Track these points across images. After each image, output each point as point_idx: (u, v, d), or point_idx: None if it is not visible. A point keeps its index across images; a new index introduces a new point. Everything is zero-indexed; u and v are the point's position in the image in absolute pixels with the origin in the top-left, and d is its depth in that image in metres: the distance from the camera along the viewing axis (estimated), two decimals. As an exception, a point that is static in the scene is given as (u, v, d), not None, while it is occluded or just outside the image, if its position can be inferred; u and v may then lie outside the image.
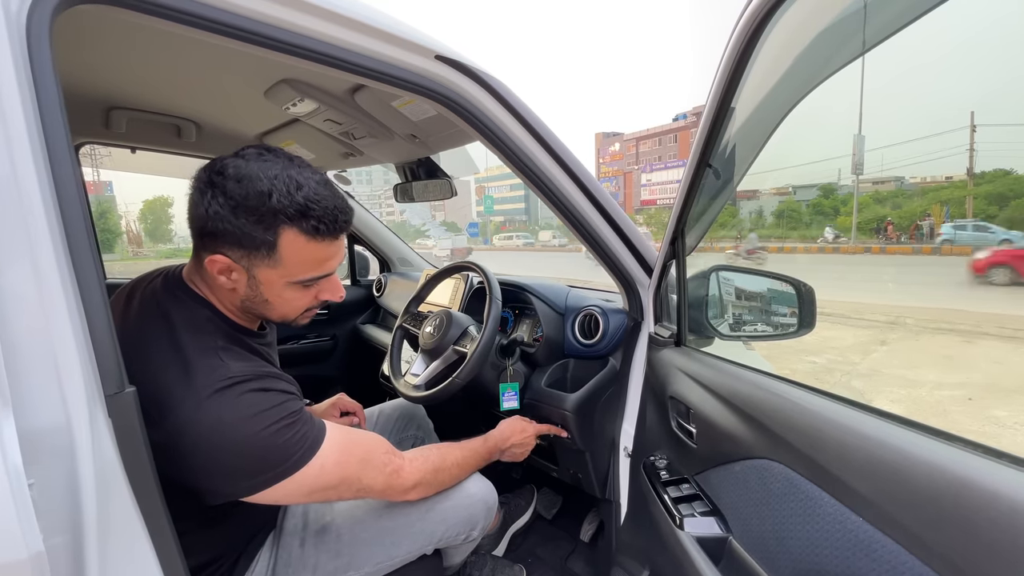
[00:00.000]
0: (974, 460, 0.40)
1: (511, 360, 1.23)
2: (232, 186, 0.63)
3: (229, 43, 0.63)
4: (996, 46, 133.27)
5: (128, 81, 1.10)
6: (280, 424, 0.65)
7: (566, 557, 1.42)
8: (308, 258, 0.68)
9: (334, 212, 0.67)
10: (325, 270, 0.72)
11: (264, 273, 0.68)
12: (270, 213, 0.63)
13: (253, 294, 0.70)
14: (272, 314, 0.74)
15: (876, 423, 0.49)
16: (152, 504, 0.51)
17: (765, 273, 0.94)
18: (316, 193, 0.66)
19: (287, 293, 0.71)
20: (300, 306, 0.75)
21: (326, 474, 0.69)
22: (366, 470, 0.75)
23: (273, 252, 0.65)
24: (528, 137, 0.92)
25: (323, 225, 0.66)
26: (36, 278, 0.44)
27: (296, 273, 0.69)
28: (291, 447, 0.65)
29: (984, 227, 14.20)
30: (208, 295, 0.72)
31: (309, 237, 0.66)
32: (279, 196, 0.63)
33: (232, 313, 0.74)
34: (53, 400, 0.44)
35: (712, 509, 0.74)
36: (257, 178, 0.63)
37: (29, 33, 0.46)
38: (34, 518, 0.41)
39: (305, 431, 0.68)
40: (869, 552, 0.46)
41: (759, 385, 0.68)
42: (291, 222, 0.64)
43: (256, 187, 0.62)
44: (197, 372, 0.63)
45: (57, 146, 0.46)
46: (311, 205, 0.65)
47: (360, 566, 0.83)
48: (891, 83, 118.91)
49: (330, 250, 0.70)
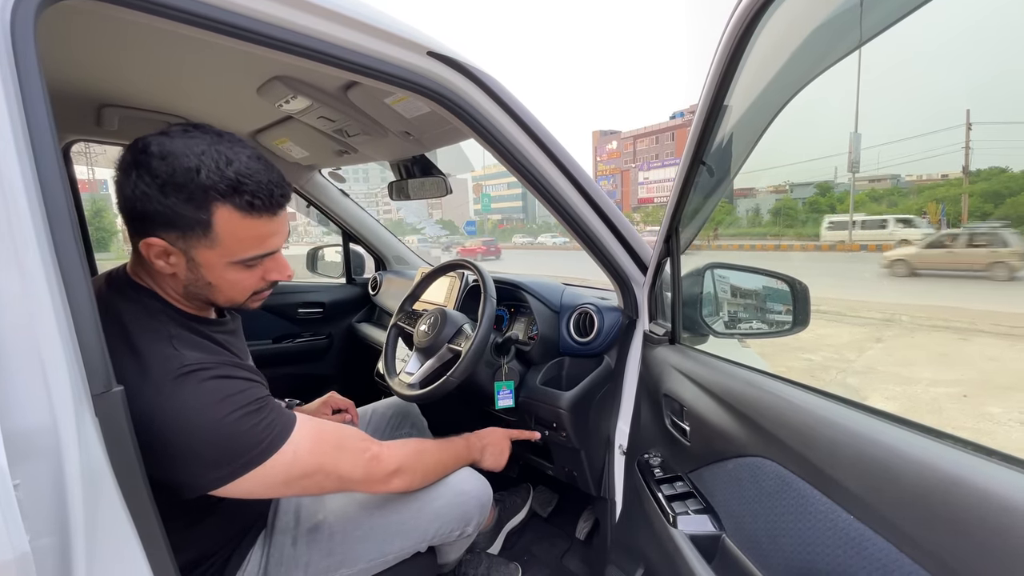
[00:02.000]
0: (965, 458, 0.40)
1: (506, 358, 1.23)
2: (157, 164, 0.60)
3: (221, 40, 0.63)
4: (993, 41, 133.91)
5: (120, 78, 1.09)
6: (246, 410, 0.63)
7: (561, 555, 1.42)
8: (246, 236, 0.65)
9: (269, 186, 0.65)
10: (267, 248, 0.69)
11: (203, 255, 0.65)
12: (200, 190, 0.60)
13: (194, 277, 0.67)
14: (218, 298, 0.71)
15: (867, 421, 0.49)
16: (141, 504, 0.50)
17: (759, 271, 0.94)
18: (248, 168, 0.63)
19: (230, 274, 0.68)
20: (246, 288, 0.72)
21: (300, 462, 0.67)
22: (342, 456, 0.73)
23: (208, 231, 0.63)
24: (522, 134, 0.92)
25: (258, 200, 0.64)
26: (21, 277, 0.43)
27: (236, 252, 0.66)
28: (259, 433, 0.64)
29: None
30: (152, 286, 0.69)
31: (244, 213, 0.63)
32: (208, 172, 0.60)
33: (179, 302, 0.71)
34: (39, 400, 0.43)
35: (705, 507, 0.74)
36: (183, 154, 0.60)
37: (13, 29, 0.45)
38: (20, 519, 0.40)
39: (273, 418, 0.66)
40: (860, 550, 0.46)
41: (752, 383, 0.68)
42: (224, 199, 0.62)
43: (183, 163, 0.60)
44: (151, 363, 0.61)
45: (43, 144, 0.46)
46: (243, 180, 0.62)
47: (353, 564, 0.83)
48: (887, 80, 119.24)
49: (270, 227, 0.67)
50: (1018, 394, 3.77)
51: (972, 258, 8.68)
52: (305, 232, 33.77)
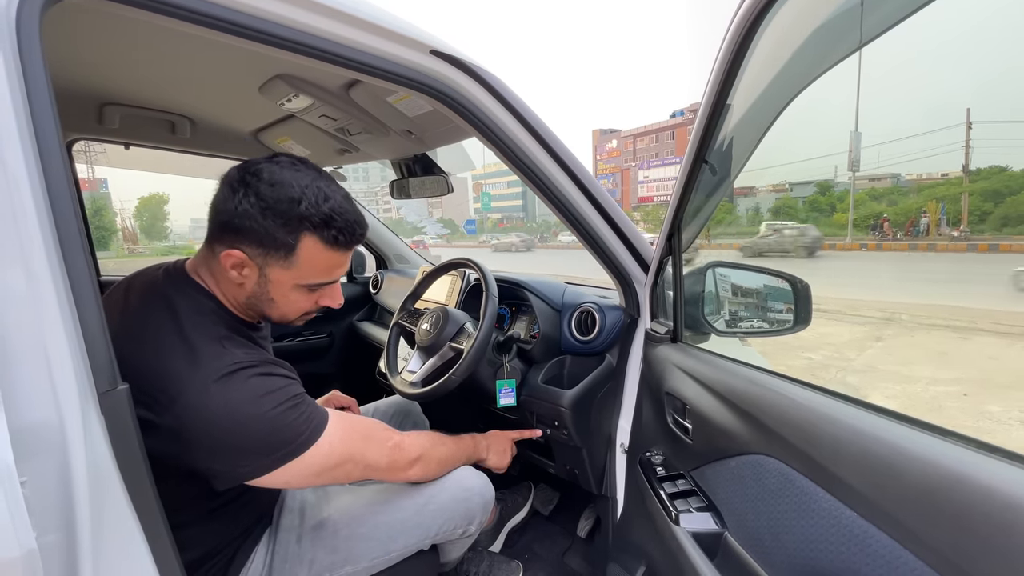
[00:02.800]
0: (968, 455, 0.40)
1: (508, 357, 1.23)
2: (265, 188, 0.67)
3: (223, 38, 0.63)
4: (995, 40, 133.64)
5: (121, 77, 1.09)
6: (287, 405, 0.68)
7: (563, 553, 1.43)
8: (321, 265, 0.73)
9: (354, 225, 0.73)
10: (332, 277, 0.77)
11: (276, 273, 0.72)
12: (296, 219, 0.68)
13: (260, 291, 0.74)
14: (273, 313, 0.77)
15: (871, 418, 0.49)
16: (146, 501, 0.51)
17: (761, 269, 0.94)
18: (341, 206, 0.72)
19: (292, 295, 0.75)
20: (301, 308, 0.79)
21: (334, 453, 0.72)
22: (370, 445, 0.79)
23: (291, 255, 0.70)
24: (524, 133, 0.92)
25: (343, 236, 0.72)
26: (27, 275, 0.43)
27: (307, 277, 0.73)
28: (299, 426, 0.69)
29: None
30: (213, 288, 0.75)
31: (327, 245, 0.71)
32: (308, 204, 0.68)
33: (234, 307, 0.77)
34: (45, 397, 0.44)
35: (708, 505, 0.74)
36: (290, 185, 0.68)
37: (18, 28, 0.45)
38: (26, 516, 0.40)
39: (311, 412, 0.71)
40: (864, 547, 0.46)
41: (754, 381, 0.68)
42: (314, 229, 0.70)
43: (288, 193, 0.68)
44: (204, 357, 0.66)
45: (48, 142, 0.46)
46: (335, 216, 0.70)
47: (356, 561, 0.83)
48: (888, 79, 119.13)
49: (342, 259, 0.76)
50: (1018, 393, 3.78)
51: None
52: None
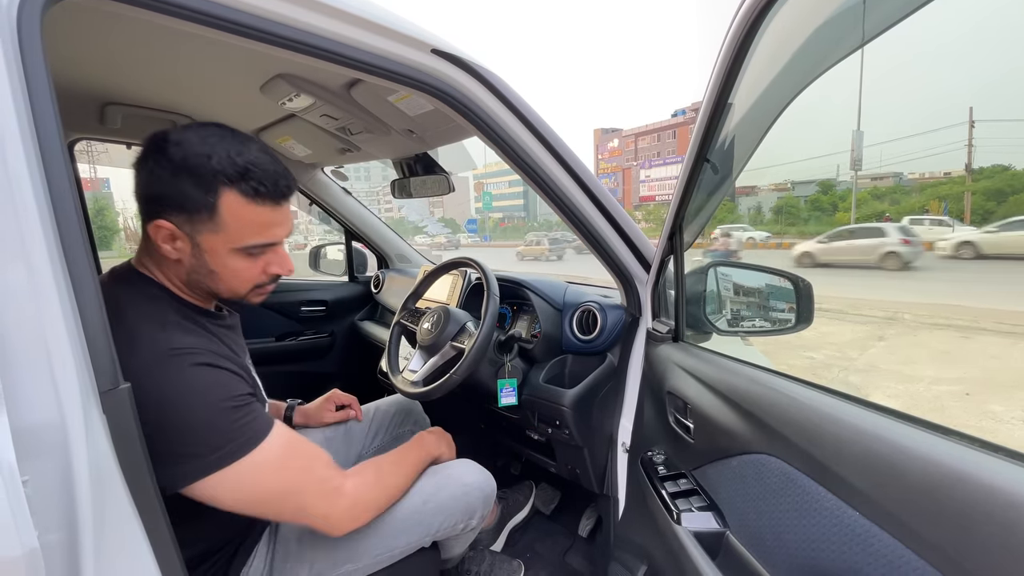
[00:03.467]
0: (970, 454, 0.40)
1: (509, 356, 1.24)
2: (173, 150, 0.64)
3: (224, 38, 0.63)
4: (996, 40, 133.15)
5: (123, 76, 1.09)
6: (225, 404, 0.64)
7: (564, 552, 1.43)
8: (250, 222, 0.68)
9: (274, 176, 0.68)
10: (269, 237, 0.71)
11: (207, 239, 0.68)
12: (210, 174, 0.64)
13: (198, 264, 0.69)
14: (220, 287, 0.73)
15: (873, 418, 0.49)
16: (147, 500, 0.51)
17: (763, 268, 0.94)
18: (257, 158, 0.67)
19: (232, 262, 0.70)
20: (248, 279, 0.73)
21: (266, 472, 0.66)
22: (307, 480, 0.71)
23: (214, 214, 0.66)
24: (525, 132, 0.92)
25: (263, 187, 0.67)
26: (29, 275, 0.43)
27: (239, 238, 0.69)
28: (234, 431, 0.63)
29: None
30: (157, 274, 0.72)
31: (249, 199, 0.67)
32: (219, 158, 0.64)
33: (182, 291, 0.73)
34: (47, 397, 0.44)
35: (709, 504, 0.74)
36: (198, 142, 0.65)
37: (20, 28, 0.45)
38: (28, 515, 0.40)
39: (250, 419, 0.66)
40: (866, 546, 0.46)
41: (756, 380, 0.68)
42: (231, 184, 0.65)
43: (196, 149, 0.64)
44: (141, 344, 0.62)
45: (49, 142, 0.46)
46: (251, 168, 0.66)
47: (358, 559, 0.83)
48: (890, 77, 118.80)
49: (274, 216, 0.70)
50: (1020, 393, 3.77)
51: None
52: (307, 231, 33.83)
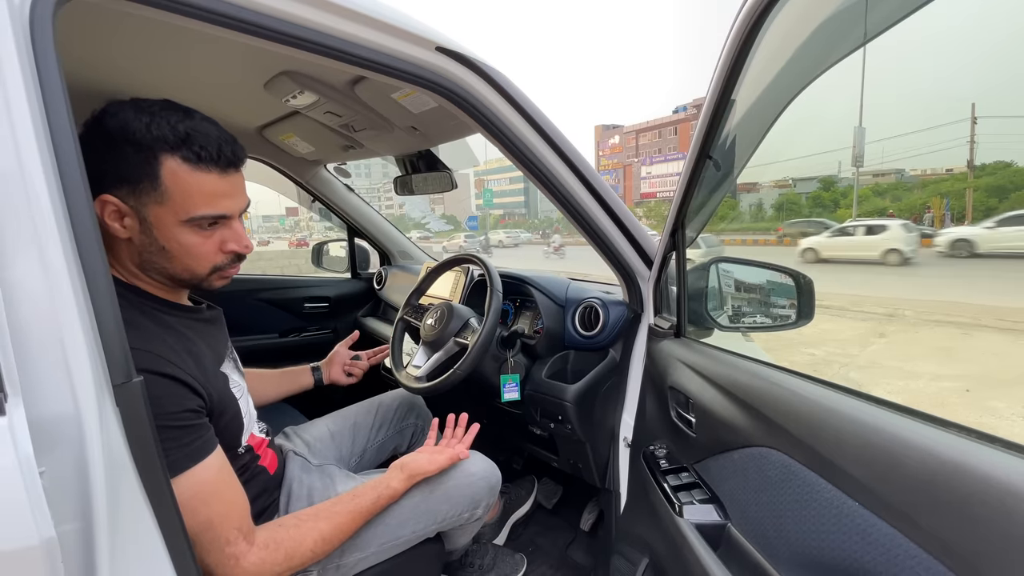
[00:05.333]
0: (967, 445, 0.41)
1: (512, 352, 1.24)
2: (110, 122, 0.62)
3: (229, 35, 0.63)
4: (997, 38, 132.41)
5: (127, 73, 1.09)
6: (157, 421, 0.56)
7: (566, 546, 1.44)
8: (195, 190, 0.65)
9: (217, 141, 0.66)
10: (218, 208, 0.68)
11: (154, 212, 0.65)
12: (149, 141, 0.62)
13: (148, 241, 0.66)
14: (176, 267, 0.69)
15: (872, 410, 0.50)
16: (160, 491, 0.52)
17: (765, 265, 0.94)
18: (199, 125, 0.65)
19: (183, 237, 0.67)
20: (202, 256, 0.69)
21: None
22: (207, 535, 0.64)
23: (157, 184, 0.63)
24: (529, 129, 0.92)
25: (204, 151, 0.65)
26: (44, 270, 0.44)
27: (184, 209, 0.65)
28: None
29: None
30: (114, 265, 0.68)
31: (192, 166, 0.64)
32: (158, 126, 0.63)
33: (139, 279, 0.70)
34: (62, 390, 0.44)
35: (711, 497, 0.75)
36: (136, 113, 0.63)
37: (32, 27, 0.46)
38: (45, 505, 0.41)
39: (179, 444, 0.61)
40: (865, 536, 0.47)
41: (758, 374, 0.69)
42: (172, 150, 0.63)
43: (134, 119, 0.62)
44: None
45: (63, 140, 0.47)
46: (192, 134, 0.64)
47: (365, 547, 0.85)
48: (894, 74, 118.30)
49: (219, 185, 0.67)
50: (1021, 389, 3.77)
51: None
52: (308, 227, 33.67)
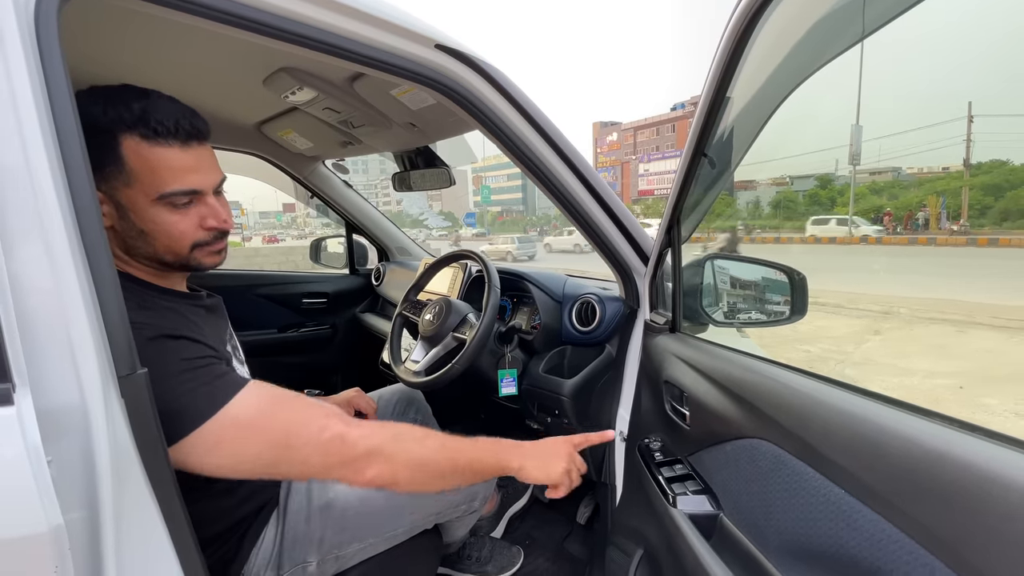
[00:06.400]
0: (949, 434, 0.42)
1: (509, 347, 1.26)
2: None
3: (228, 31, 0.64)
4: (996, 36, 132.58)
5: (126, 69, 1.10)
6: (182, 367, 0.60)
7: (563, 539, 1.46)
8: (158, 166, 0.65)
9: (175, 114, 0.66)
10: (187, 184, 0.67)
11: (125, 195, 0.65)
12: (106, 124, 0.63)
13: (128, 227, 0.67)
14: (158, 249, 0.69)
15: (859, 401, 0.51)
16: (163, 481, 0.53)
17: (759, 261, 0.96)
18: (155, 102, 0.65)
19: (158, 217, 0.67)
20: (181, 234, 0.69)
21: (243, 429, 0.61)
22: (297, 432, 0.64)
23: (121, 165, 0.64)
24: (526, 126, 0.93)
25: (161, 126, 0.64)
26: (50, 264, 0.45)
27: (152, 187, 0.65)
28: (196, 391, 0.60)
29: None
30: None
31: (151, 142, 0.64)
32: (114, 108, 0.63)
33: (131, 265, 0.71)
34: (69, 381, 0.45)
35: (704, 488, 0.76)
36: (93, 99, 0.63)
37: (38, 24, 0.46)
38: (53, 493, 0.42)
39: (212, 377, 0.62)
40: (850, 522, 0.49)
41: (750, 368, 0.70)
42: (129, 128, 0.63)
43: (93, 104, 0.63)
44: None
45: (68, 136, 0.47)
46: (149, 110, 0.64)
47: (364, 538, 0.86)
48: (891, 72, 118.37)
49: (183, 159, 0.67)
50: (1014, 386, 3.80)
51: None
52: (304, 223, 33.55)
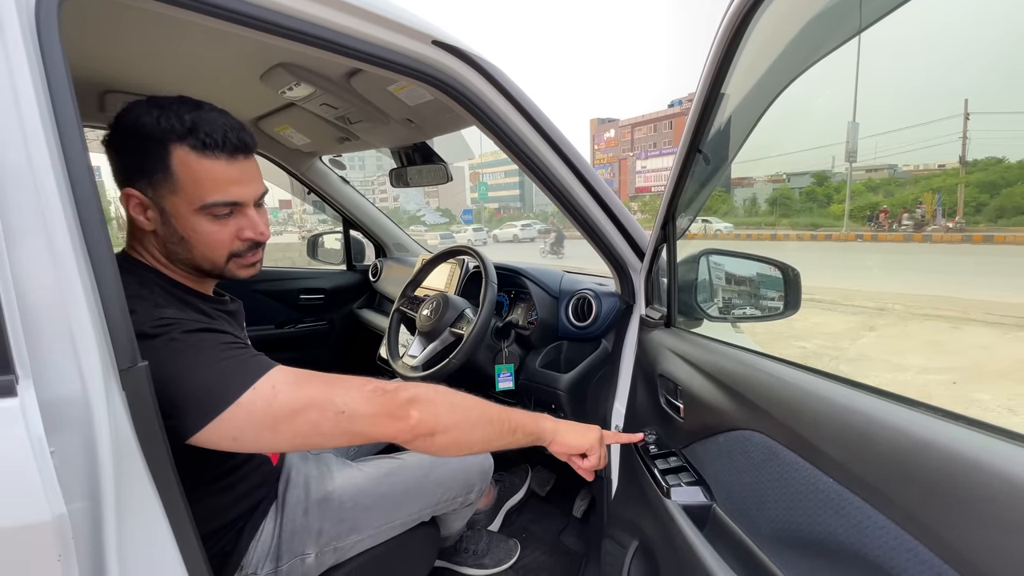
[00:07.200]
0: (935, 423, 0.43)
1: (506, 342, 1.27)
2: (127, 118, 0.67)
3: (225, 26, 0.64)
4: (994, 34, 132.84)
5: (124, 64, 1.10)
6: (220, 347, 0.63)
7: (559, 532, 1.47)
8: (204, 178, 0.68)
9: (224, 128, 0.69)
10: (230, 196, 0.70)
11: (170, 202, 0.68)
12: (160, 133, 0.66)
13: (170, 232, 0.70)
14: (195, 256, 0.72)
15: (848, 392, 0.52)
16: (164, 473, 0.53)
17: (753, 256, 0.97)
18: (207, 115, 0.69)
19: (199, 226, 0.70)
20: (219, 244, 0.72)
21: (281, 395, 0.61)
22: (336, 390, 0.64)
23: (169, 173, 0.67)
24: (523, 122, 0.93)
25: (210, 139, 0.67)
26: (52, 259, 0.45)
27: (197, 196, 0.68)
28: (236, 363, 0.62)
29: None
30: (146, 256, 0.73)
31: (199, 153, 0.67)
32: (167, 118, 0.66)
33: (170, 269, 0.74)
34: (71, 373, 0.46)
35: (697, 479, 0.78)
36: (148, 108, 0.67)
37: (38, 20, 0.47)
38: (56, 483, 0.43)
39: (250, 354, 0.65)
40: (838, 510, 0.50)
41: (743, 361, 0.71)
42: (180, 139, 0.66)
43: (148, 113, 0.66)
44: (134, 320, 0.58)
45: (69, 131, 0.48)
46: (199, 122, 0.67)
47: (362, 530, 0.87)
48: (888, 70, 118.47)
49: (228, 171, 0.70)
50: (1007, 382, 3.84)
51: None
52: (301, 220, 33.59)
